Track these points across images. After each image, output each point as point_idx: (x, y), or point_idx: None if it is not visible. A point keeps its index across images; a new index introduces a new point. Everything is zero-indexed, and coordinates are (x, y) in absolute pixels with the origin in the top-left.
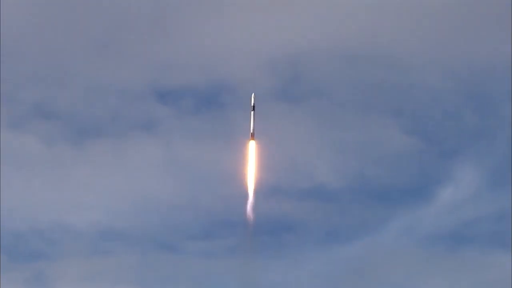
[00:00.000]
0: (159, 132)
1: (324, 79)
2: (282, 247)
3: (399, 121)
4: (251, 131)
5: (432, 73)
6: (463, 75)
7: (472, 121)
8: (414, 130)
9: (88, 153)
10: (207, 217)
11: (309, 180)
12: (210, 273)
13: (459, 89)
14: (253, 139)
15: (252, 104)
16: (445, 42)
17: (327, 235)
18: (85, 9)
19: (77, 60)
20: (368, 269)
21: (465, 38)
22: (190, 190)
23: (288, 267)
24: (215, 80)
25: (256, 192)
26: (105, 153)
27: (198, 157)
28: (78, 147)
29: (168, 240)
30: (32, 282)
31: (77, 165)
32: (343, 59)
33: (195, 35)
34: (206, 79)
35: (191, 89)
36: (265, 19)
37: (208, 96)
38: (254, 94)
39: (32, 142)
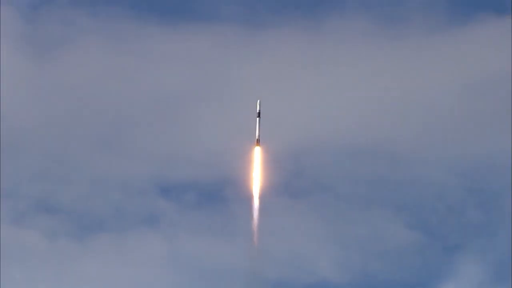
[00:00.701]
0: (162, 227)
1: (327, 173)
2: None
3: (402, 216)
4: (257, 137)
5: (434, 169)
6: (465, 170)
7: (474, 216)
8: (417, 225)
9: (90, 248)
10: None
11: (312, 275)
12: None
13: (461, 184)
14: (258, 145)
15: (258, 111)
16: (447, 138)
17: None
18: (86, 103)
19: (79, 154)
20: None
21: (467, 134)
22: (193, 285)
23: None
24: (217, 175)
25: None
26: (107, 248)
27: (201, 252)
28: (80, 242)
29: None
30: None
31: (79, 260)
32: (346, 153)
33: (197, 129)
34: (208, 174)
35: (194, 184)
36: (267, 113)
37: (211, 190)
38: (260, 101)
39: (33, 237)
